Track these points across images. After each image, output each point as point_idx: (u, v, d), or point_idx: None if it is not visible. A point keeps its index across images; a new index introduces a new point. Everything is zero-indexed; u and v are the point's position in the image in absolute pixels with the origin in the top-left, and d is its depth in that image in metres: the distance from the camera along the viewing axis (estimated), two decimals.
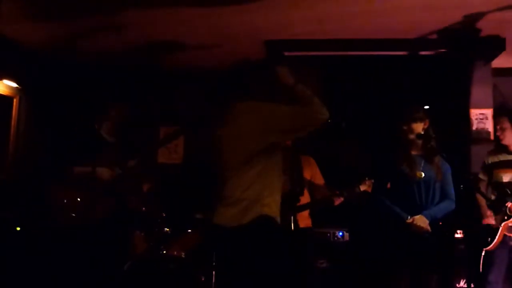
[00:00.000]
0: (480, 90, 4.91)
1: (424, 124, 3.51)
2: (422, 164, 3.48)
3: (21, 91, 5.01)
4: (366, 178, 3.88)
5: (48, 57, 5.20)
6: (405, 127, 3.50)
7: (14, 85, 4.92)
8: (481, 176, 4.12)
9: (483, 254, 3.75)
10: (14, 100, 4.97)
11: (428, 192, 3.47)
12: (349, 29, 4.42)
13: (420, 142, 3.51)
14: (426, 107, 4.92)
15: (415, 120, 3.49)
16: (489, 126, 4.82)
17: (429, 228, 3.37)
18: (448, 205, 3.52)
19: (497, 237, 3.69)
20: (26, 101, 5.10)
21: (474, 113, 4.83)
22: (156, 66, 5.50)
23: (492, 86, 4.93)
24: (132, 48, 4.99)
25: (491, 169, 4.00)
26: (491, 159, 4.06)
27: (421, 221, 3.37)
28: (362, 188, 3.92)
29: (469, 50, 4.60)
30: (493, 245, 3.67)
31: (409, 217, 3.40)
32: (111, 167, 3.26)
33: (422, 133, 3.46)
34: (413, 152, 3.53)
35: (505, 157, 3.99)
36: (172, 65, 5.45)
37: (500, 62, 4.84)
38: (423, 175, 3.45)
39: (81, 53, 5.09)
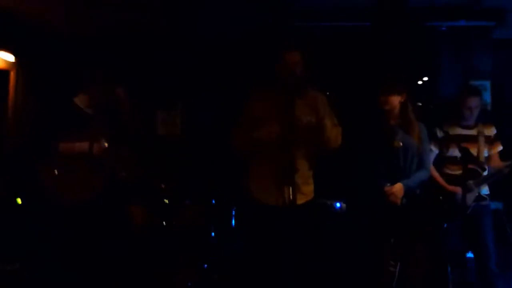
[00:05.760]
0: (480, 61, 4.89)
1: (401, 98, 3.50)
2: (400, 134, 3.49)
3: (18, 64, 4.98)
4: None
5: (45, 29, 5.14)
6: (382, 99, 3.50)
7: (11, 58, 4.89)
8: (432, 147, 3.98)
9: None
10: (11, 73, 4.94)
11: (406, 161, 3.48)
12: None
13: (397, 112, 3.52)
14: (425, 78, 4.90)
15: (392, 93, 3.48)
16: (488, 97, 4.81)
17: (399, 200, 3.40)
18: (423, 175, 3.55)
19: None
20: (23, 74, 5.07)
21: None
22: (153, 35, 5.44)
23: (492, 57, 4.91)
24: (126, 20, 4.95)
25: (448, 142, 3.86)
26: (449, 131, 3.94)
27: (399, 189, 3.41)
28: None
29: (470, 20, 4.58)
30: None
31: (388, 185, 3.43)
32: (97, 140, 3.21)
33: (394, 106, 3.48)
34: (392, 122, 3.53)
35: (463, 131, 3.93)
36: (166, 34, 5.38)
37: (500, 33, 4.81)
38: (401, 144, 3.47)
39: (76, 25, 5.05)
